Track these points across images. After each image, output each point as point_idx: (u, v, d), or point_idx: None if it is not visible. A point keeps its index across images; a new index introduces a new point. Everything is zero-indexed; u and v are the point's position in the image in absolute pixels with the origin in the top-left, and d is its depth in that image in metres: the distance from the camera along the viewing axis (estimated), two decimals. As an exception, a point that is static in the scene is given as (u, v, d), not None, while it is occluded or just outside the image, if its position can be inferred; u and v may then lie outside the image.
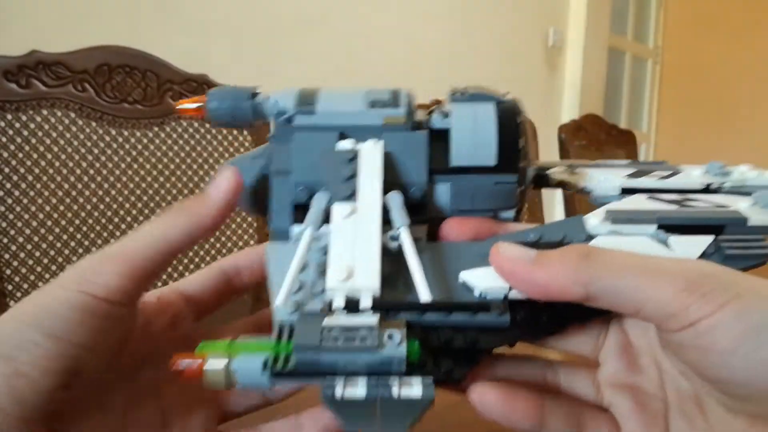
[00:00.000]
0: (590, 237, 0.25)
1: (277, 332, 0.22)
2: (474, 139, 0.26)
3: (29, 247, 0.78)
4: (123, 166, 0.87)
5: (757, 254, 0.24)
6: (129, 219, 0.88)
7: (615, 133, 1.79)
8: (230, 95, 0.28)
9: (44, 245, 0.79)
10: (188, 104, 0.28)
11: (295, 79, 1.56)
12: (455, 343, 0.22)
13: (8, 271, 0.76)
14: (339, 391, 0.20)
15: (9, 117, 0.77)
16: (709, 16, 2.95)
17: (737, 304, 0.19)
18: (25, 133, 0.78)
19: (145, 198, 0.89)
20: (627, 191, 0.29)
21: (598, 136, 1.71)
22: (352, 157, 0.25)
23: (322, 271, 0.23)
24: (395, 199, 0.25)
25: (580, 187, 0.30)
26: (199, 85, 0.93)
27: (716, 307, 0.19)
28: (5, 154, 0.77)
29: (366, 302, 0.21)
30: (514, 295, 0.23)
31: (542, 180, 0.31)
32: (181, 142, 0.92)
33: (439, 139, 0.26)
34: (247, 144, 0.98)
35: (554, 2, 2.44)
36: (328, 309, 0.22)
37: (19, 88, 0.77)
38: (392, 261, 0.24)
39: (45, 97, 0.80)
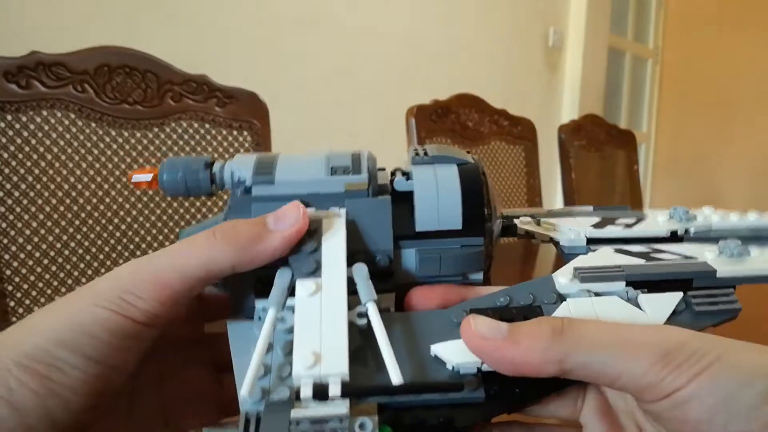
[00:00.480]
0: (560, 297, 0.25)
1: (243, 424, 0.21)
2: (438, 203, 0.26)
3: (29, 247, 0.78)
4: (123, 166, 0.87)
5: (727, 309, 0.24)
6: (129, 220, 0.88)
7: (615, 133, 1.79)
8: (182, 166, 0.27)
9: (44, 246, 0.79)
10: (141, 175, 0.27)
11: (295, 78, 1.56)
12: (429, 422, 0.22)
13: (8, 272, 0.76)
14: None
15: (9, 118, 0.77)
16: (709, 16, 2.95)
17: (709, 375, 0.20)
18: (25, 134, 0.78)
19: (145, 198, 0.89)
20: (593, 241, 0.29)
21: (598, 136, 1.71)
22: (314, 229, 0.25)
23: (288, 352, 0.22)
24: (361, 271, 0.24)
25: (548, 237, 0.30)
26: (199, 85, 0.93)
27: (689, 378, 0.20)
28: (5, 155, 0.77)
29: (335, 390, 0.20)
30: (488, 366, 0.22)
31: (509, 230, 0.31)
32: (181, 142, 0.92)
33: (403, 201, 0.26)
34: (247, 144, 0.98)
35: (554, 2, 2.44)
36: (296, 397, 0.21)
37: (19, 89, 0.77)
38: (361, 335, 0.23)
39: (45, 98, 0.80)
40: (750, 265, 0.26)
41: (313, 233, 0.25)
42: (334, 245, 0.24)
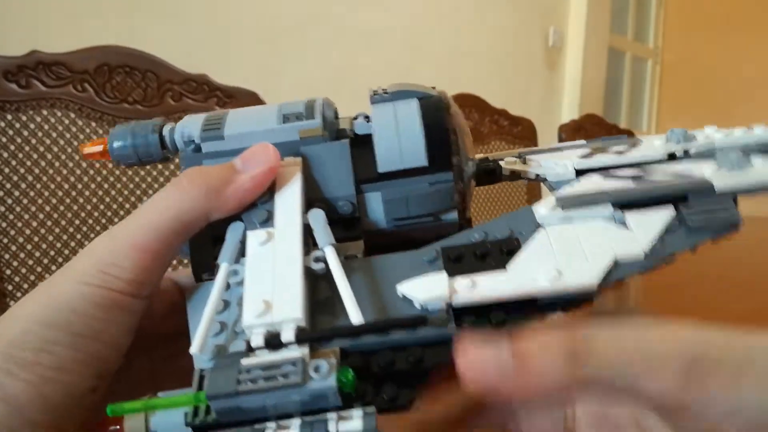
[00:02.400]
0: (539, 227, 0.23)
1: (197, 381, 0.19)
2: (399, 140, 0.24)
3: (29, 247, 0.78)
4: (123, 166, 0.87)
5: (725, 221, 0.22)
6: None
7: (615, 133, 1.79)
8: (131, 132, 0.26)
9: (44, 245, 0.79)
10: (92, 148, 0.26)
11: (295, 78, 1.56)
12: (398, 366, 0.20)
13: (8, 271, 0.76)
14: None
15: (9, 117, 0.77)
16: (709, 16, 2.95)
17: (735, 389, 0.18)
18: (25, 133, 0.78)
19: (145, 198, 0.89)
20: (582, 172, 0.26)
21: (598, 136, 1.71)
22: None
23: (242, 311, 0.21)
24: (317, 216, 0.23)
25: (534, 175, 0.28)
26: (199, 85, 0.93)
27: (714, 393, 0.18)
28: (5, 155, 0.77)
29: (288, 335, 0.19)
30: (458, 301, 0.20)
31: (493, 173, 0.29)
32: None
33: (365, 145, 0.24)
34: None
35: (554, 2, 2.44)
36: (248, 349, 0.19)
37: (19, 89, 0.77)
38: (327, 285, 0.21)
39: (45, 98, 0.80)
40: (753, 175, 0.23)
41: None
42: (288, 193, 0.23)
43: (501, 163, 0.29)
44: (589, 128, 1.68)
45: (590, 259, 0.21)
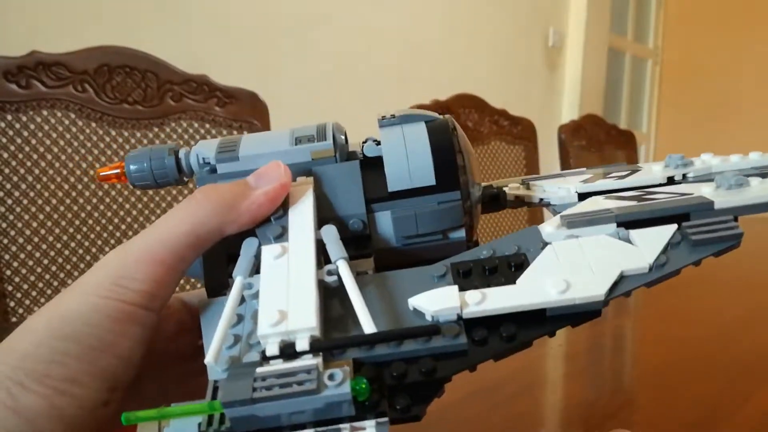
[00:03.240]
0: (546, 244, 0.23)
1: (211, 391, 0.20)
2: (408, 160, 0.25)
3: (29, 247, 0.78)
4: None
5: (728, 235, 0.22)
6: (129, 220, 0.88)
7: (615, 133, 1.79)
8: (148, 156, 0.27)
9: (44, 246, 0.79)
10: (108, 171, 0.27)
11: (295, 78, 1.56)
12: (411, 377, 0.20)
13: (8, 272, 0.76)
14: None
15: (9, 118, 0.77)
16: (709, 16, 2.95)
17: None
18: (26, 133, 0.78)
19: (145, 198, 0.89)
20: (585, 196, 0.27)
21: (597, 137, 1.71)
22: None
23: (258, 321, 0.21)
24: (330, 232, 0.23)
25: (538, 199, 0.29)
26: (199, 85, 0.93)
27: None
28: (5, 155, 0.77)
29: (303, 344, 0.19)
30: (469, 313, 0.21)
31: (498, 199, 0.30)
32: (181, 142, 0.92)
33: (375, 168, 0.25)
34: (247, 144, 0.98)
35: (554, 2, 2.44)
36: (263, 359, 0.19)
37: (19, 89, 0.77)
38: (339, 302, 0.22)
39: (45, 98, 0.80)
40: (751, 194, 0.24)
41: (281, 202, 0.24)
42: (301, 210, 0.24)
43: (505, 189, 0.30)
44: (589, 128, 1.68)
45: (597, 272, 0.21)
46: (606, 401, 0.45)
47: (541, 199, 0.29)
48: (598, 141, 1.70)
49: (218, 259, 0.24)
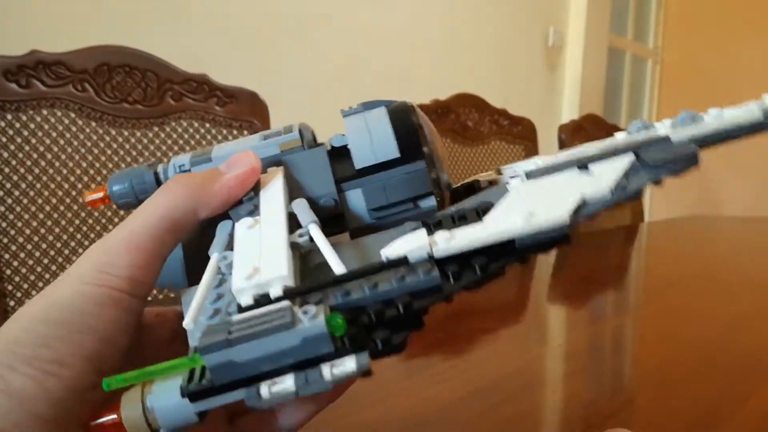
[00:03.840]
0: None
1: (192, 351, 0.20)
2: (371, 137, 0.26)
3: (29, 247, 0.78)
4: (123, 166, 0.87)
5: (685, 153, 0.23)
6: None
7: (615, 133, 1.79)
8: (129, 175, 0.28)
9: (44, 245, 0.79)
10: (93, 195, 0.28)
11: (295, 78, 1.56)
12: (388, 314, 0.20)
13: (8, 271, 0.76)
14: (265, 390, 0.18)
15: (9, 117, 0.77)
16: (709, 16, 2.95)
17: None
18: (25, 133, 0.78)
19: (145, 198, 0.89)
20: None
21: (598, 136, 1.70)
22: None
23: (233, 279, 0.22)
24: (300, 203, 0.25)
25: (508, 179, 0.30)
26: (199, 85, 0.93)
27: None
28: (5, 154, 0.77)
29: (276, 291, 0.20)
30: (439, 250, 0.21)
31: (472, 187, 0.31)
32: (181, 142, 0.92)
33: (342, 156, 0.27)
34: (247, 144, 0.98)
35: (554, 2, 2.44)
36: (239, 311, 0.20)
37: (19, 88, 0.77)
38: (313, 263, 0.23)
39: (45, 97, 0.80)
40: (705, 125, 0.25)
41: (252, 186, 0.25)
42: (272, 190, 0.25)
43: (479, 179, 0.31)
44: (589, 128, 1.68)
45: (560, 200, 0.22)
46: (606, 401, 0.45)
47: (512, 177, 0.30)
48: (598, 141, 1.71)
49: (199, 254, 0.25)
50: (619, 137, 0.29)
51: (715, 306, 0.71)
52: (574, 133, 1.62)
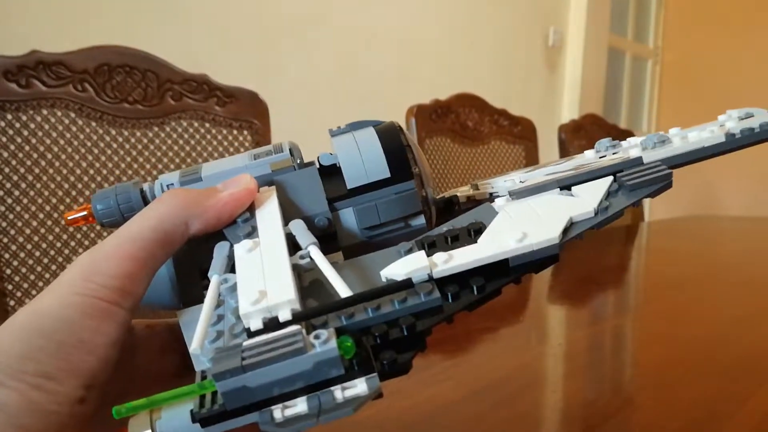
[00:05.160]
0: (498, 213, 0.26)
1: (200, 378, 0.20)
2: (363, 158, 0.27)
3: (29, 246, 0.78)
4: (123, 166, 0.87)
5: (660, 176, 0.25)
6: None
7: (615, 133, 1.79)
8: (114, 193, 0.28)
9: (44, 245, 0.79)
10: (75, 214, 0.28)
11: (295, 78, 1.56)
12: (392, 335, 0.21)
13: (8, 271, 0.76)
14: (278, 414, 0.18)
15: (9, 117, 0.77)
16: (709, 16, 2.95)
17: None
18: (26, 133, 0.78)
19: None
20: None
21: (598, 136, 1.71)
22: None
23: (238, 315, 0.21)
24: (297, 224, 0.25)
25: (488, 195, 0.31)
26: (199, 85, 0.93)
27: None
28: (5, 154, 0.77)
29: (285, 315, 0.20)
30: (439, 272, 0.22)
31: (450, 203, 0.32)
32: (181, 142, 0.92)
33: (332, 174, 0.27)
34: (247, 144, 0.98)
35: (554, 2, 2.44)
36: (248, 335, 0.20)
37: (19, 88, 0.77)
38: (314, 285, 0.23)
39: (45, 97, 0.80)
40: (673, 147, 0.28)
41: (247, 206, 0.26)
42: (268, 211, 0.25)
43: (457, 194, 0.32)
44: (589, 128, 1.69)
45: (549, 222, 0.24)
46: (606, 401, 0.45)
47: (491, 194, 0.31)
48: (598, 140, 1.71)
49: (191, 274, 0.26)
50: (588, 155, 0.32)
51: (715, 306, 0.71)
52: (574, 133, 1.62)
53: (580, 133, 1.65)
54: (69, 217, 0.28)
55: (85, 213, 0.28)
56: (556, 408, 0.45)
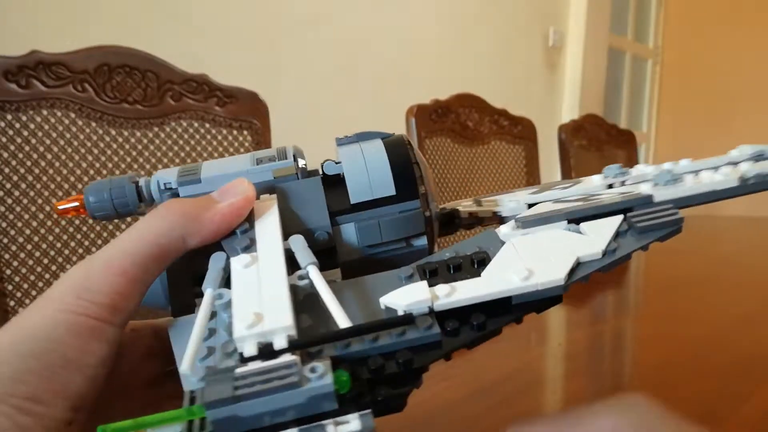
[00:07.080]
0: (504, 243, 0.25)
1: (189, 399, 0.19)
2: (368, 172, 0.26)
3: (29, 247, 0.78)
4: (123, 166, 0.87)
5: (669, 221, 0.24)
6: (129, 219, 0.88)
7: (615, 133, 1.79)
8: (108, 186, 0.27)
9: (44, 245, 0.79)
10: (67, 204, 0.27)
11: (295, 78, 1.56)
12: (388, 369, 0.20)
13: (8, 271, 0.76)
14: None
15: (9, 117, 0.77)
16: (709, 16, 2.95)
17: None
18: (26, 133, 0.78)
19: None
20: (533, 206, 0.29)
21: (598, 136, 1.71)
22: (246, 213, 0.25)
23: (231, 332, 0.21)
24: (297, 240, 0.24)
25: (491, 213, 0.31)
26: (199, 85, 0.93)
27: None
28: (5, 155, 0.77)
29: (281, 342, 0.19)
30: (440, 305, 0.21)
31: (452, 218, 0.31)
32: (181, 142, 0.92)
33: (335, 184, 0.26)
34: (247, 144, 0.98)
35: (554, 2, 2.44)
36: (241, 361, 0.19)
37: (19, 89, 0.77)
38: (312, 307, 0.22)
39: (45, 98, 0.80)
40: (685, 187, 0.26)
41: (245, 216, 0.25)
42: (267, 223, 0.24)
43: (459, 208, 0.31)
44: (589, 128, 1.69)
45: (555, 260, 0.23)
46: (606, 401, 0.45)
47: (495, 213, 0.30)
48: (598, 141, 1.71)
49: (183, 280, 0.25)
50: (596, 180, 0.31)
51: (714, 306, 0.71)
52: (574, 133, 1.62)
53: (580, 133, 1.65)
54: (60, 207, 0.27)
55: (76, 204, 0.27)
56: (556, 408, 0.45)
